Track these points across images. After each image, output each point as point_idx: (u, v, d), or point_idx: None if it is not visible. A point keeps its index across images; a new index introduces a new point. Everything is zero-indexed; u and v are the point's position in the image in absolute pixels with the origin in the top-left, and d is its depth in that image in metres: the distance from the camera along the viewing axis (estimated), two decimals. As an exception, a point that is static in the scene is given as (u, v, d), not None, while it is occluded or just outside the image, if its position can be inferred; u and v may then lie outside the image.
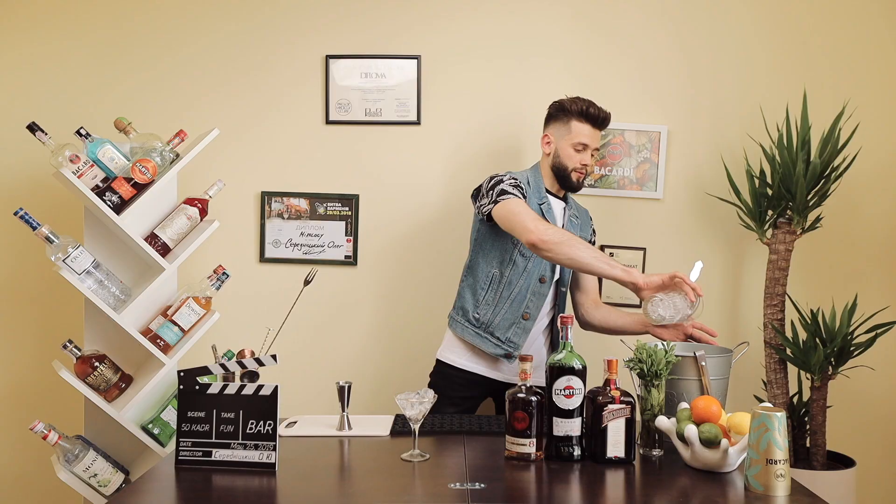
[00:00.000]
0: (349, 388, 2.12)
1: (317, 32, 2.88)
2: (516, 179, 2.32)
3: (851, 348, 2.52)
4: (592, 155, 2.41)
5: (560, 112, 2.41)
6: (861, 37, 2.83)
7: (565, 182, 2.41)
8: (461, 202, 2.84)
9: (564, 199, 2.47)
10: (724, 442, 1.72)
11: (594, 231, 2.57)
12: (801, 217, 2.59)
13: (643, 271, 2.85)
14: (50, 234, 2.36)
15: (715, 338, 2.21)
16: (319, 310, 2.90)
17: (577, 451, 1.84)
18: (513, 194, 2.24)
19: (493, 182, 2.30)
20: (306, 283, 2.53)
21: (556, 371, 1.84)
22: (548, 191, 2.44)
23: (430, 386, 2.47)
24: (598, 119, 2.39)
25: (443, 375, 2.45)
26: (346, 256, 2.90)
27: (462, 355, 2.42)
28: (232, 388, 1.81)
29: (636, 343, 1.94)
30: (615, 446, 1.81)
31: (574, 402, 1.83)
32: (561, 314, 1.87)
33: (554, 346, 2.41)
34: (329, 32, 2.88)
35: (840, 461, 2.63)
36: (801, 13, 2.83)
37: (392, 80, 2.88)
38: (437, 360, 2.48)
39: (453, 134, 2.87)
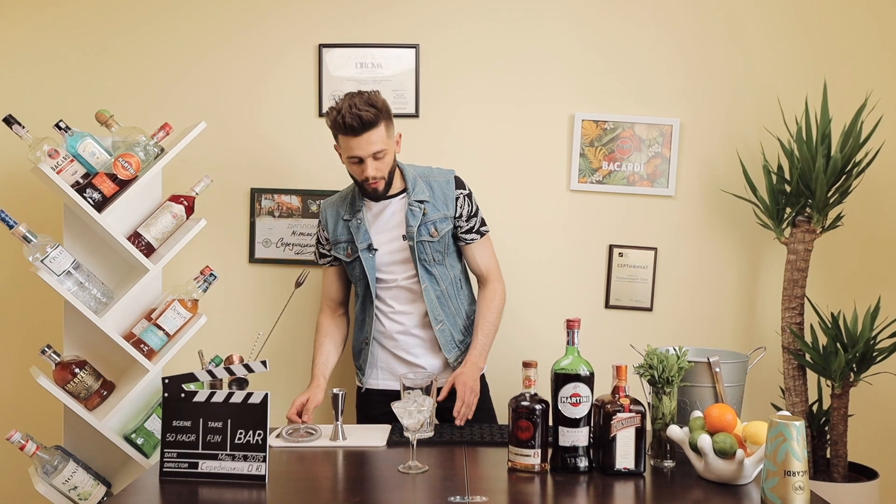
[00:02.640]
0: (344, 396, 2.12)
1: (309, 20, 2.88)
2: (318, 230, 2.50)
3: (874, 354, 2.52)
4: (379, 157, 2.25)
5: (330, 127, 2.31)
6: (884, 25, 2.83)
7: (366, 195, 2.35)
8: (462, 199, 2.84)
9: (405, 189, 2.39)
10: (740, 453, 1.72)
11: (466, 200, 2.41)
12: (820, 215, 2.59)
13: (654, 272, 2.86)
14: (27, 233, 2.36)
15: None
16: (312, 313, 2.90)
17: (584, 463, 1.84)
18: (316, 260, 2.54)
19: None
20: (298, 284, 2.53)
21: (561, 378, 1.84)
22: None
23: (357, 412, 2.55)
24: (351, 127, 2.19)
25: (361, 398, 2.52)
26: (341, 257, 2.90)
27: (369, 374, 2.47)
28: (220, 396, 1.82)
29: (646, 348, 1.94)
30: (624, 457, 1.81)
31: (581, 411, 1.83)
32: (567, 318, 1.86)
33: (445, 351, 2.41)
34: (322, 20, 2.88)
35: (862, 473, 2.63)
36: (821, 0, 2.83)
37: (389, 71, 2.88)
38: (356, 387, 2.56)
39: (454, 127, 2.87)
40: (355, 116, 2.19)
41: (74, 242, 2.61)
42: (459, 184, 2.43)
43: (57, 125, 2.45)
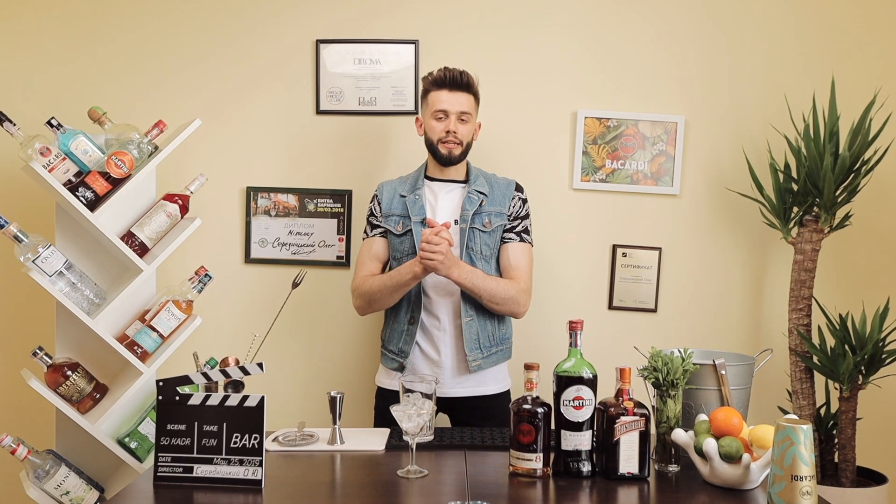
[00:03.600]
0: (341, 399, 2.12)
1: (306, 15, 2.88)
2: (371, 205, 2.54)
3: (883, 356, 2.52)
4: (464, 120, 2.42)
5: (423, 92, 2.49)
6: (893, 21, 2.83)
7: (437, 157, 2.45)
8: (462, 198, 2.84)
9: (467, 178, 2.50)
10: (746, 457, 1.72)
11: (521, 202, 2.51)
12: (828, 214, 2.59)
13: (659, 273, 2.86)
14: (18, 233, 2.36)
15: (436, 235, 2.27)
16: (309, 314, 2.90)
17: (587, 467, 1.84)
18: (366, 236, 2.54)
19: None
20: (295, 285, 2.53)
21: (564, 380, 1.84)
22: (430, 177, 2.50)
23: (375, 412, 2.56)
24: (448, 80, 2.41)
25: (382, 398, 2.52)
26: (338, 257, 2.90)
27: (390, 375, 2.50)
28: (215, 399, 1.81)
29: (651, 350, 1.94)
30: (628, 461, 1.81)
31: (584, 414, 1.83)
32: (570, 319, 1.86)
33: (466, 347, 2.42)
34: (319, 15, 2.88)
35: (871, 477, 2.63)
36: (829, -6, 2.84)
37: (388, 67, 2.88)
38: (377, 387, 2.57)
39: (454, 125, 2.87)
40: (459, 73, 2.42)
41: (67, 242, 2.61)
42: (519, 188, 2.54)
43: (49, 122, 2.45)
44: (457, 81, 2.41)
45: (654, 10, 2.85)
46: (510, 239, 2.48)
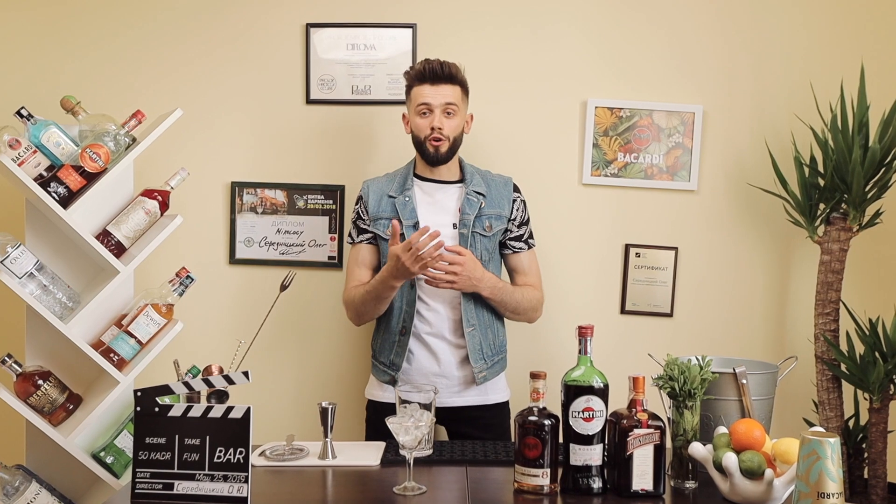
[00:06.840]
0: (333, 410, 2.12)
1: (296, -3, 2.89)
2: (358, 207, 2.54)
3: (916, 364, 2.52)
4: (450, 113, 2.42)
5: (405, 88, 2.50)
6: (927, 2, 2.83)
7: (425, 157, 2.46)
8: (463, 194, 2.84)
9: (462, 177, 2.52)
10: (769, 472, 1.72)
11: (522, 205, 2.54)
12: (857, 211, 2.59)
13: (675, 274, 2.86)
14: (-14, 232, 2.37)
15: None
16: (299, 319, 2.90)
17: (597, 483, 1.84)
18: (352, 241, 2.55)
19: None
20: (283, 287, 2.53)
21: (573, 390, 1.84)
22: (419, 176, 2.52)
23: (366, 425, 2.59)
24: (428, 73, 2.41)
25: (374, 411, 2.54)
26: (330, 257, 2.90)
27: (382, 387, 2.53)
28: (197, 411, 1.81)
29: (666, 358, 1.94)
30: (642, 477, 1.81)
31: (594, 427, 1.83)
32: (579, 324, 1.86)
33: (472, 358, 2.44)
34: (310, -3, 2.89)
35: (903, 495, 2.63)
36: (858, -25, 2.84)
37: (383, 53, 2.88)
38: (367, 399, 2.60)
39: (454, 115, 2.87)
40: (439, 63, 2.42)
41: (38, 241, 2.61)
42: (517, 189, 2.56)
43: (18, 112, 2.45)
44: (437, 73, 2.40)
45: (669, -9, 2.86)
46: (520, 248, 2.52)
